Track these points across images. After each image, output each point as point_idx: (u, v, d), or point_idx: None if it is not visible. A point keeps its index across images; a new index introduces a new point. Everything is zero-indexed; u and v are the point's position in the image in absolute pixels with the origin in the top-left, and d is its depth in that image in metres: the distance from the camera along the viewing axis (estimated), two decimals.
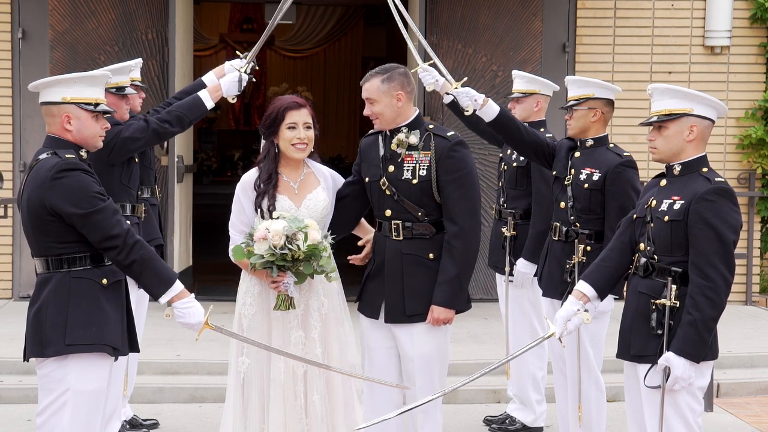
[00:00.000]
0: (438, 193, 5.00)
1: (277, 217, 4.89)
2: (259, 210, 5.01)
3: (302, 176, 5.12)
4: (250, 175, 5.10)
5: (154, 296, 4.37)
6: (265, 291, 4.99)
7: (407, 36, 5.86)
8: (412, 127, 5.07)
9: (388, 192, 5.04)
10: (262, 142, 5.23)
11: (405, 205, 5.02)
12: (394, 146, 5.05)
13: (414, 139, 5.02)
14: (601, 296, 4.69)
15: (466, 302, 5.07)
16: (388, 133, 5.10)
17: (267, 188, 5.02)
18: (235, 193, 5.10)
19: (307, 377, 5.00)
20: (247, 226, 5.02)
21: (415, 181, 5.00)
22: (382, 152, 5.10)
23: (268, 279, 4.88)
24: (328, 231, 5.00)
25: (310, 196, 5.07)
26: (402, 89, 5.03)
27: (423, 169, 5.00)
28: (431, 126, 5.11)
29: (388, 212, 5.04)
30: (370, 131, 5.27)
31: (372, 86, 5.03)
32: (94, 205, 4.23)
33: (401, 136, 5.03)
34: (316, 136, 5.12)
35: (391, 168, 5.04)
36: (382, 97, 5.02)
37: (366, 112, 5.06)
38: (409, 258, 4.99)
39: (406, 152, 5.04)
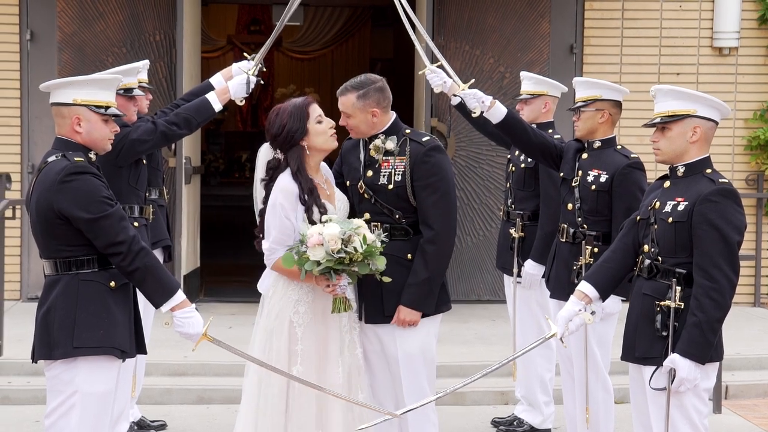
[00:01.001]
0: (413, 197, 5.03)
1: (326, 221, 4.81)
2: (312, 222, 4.90)
3: (324, 175, 5.08)
4: (291, 186, 4.91)
5: (156, 304, 4.37)
6: (319, 298, 4.91)
7: (415, 38, 5.87)
8: (389, 133, 5.10)
9: (366, 195, 5.08)
10: (260, 160, 5.10)
11: (382, 207, 5.05)
12: (372, 152, 5.10)
13: (390, 144, 5.07)
14: (603, 297, 4.70)
15: (435, 306, 5.06)
16: (367, 138, 5.14)
17: (313, 199, 4.90)
18: (276, 208, 4.90)
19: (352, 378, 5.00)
20: (292, 239, 4.90)
21: (390, 187, 5.05)
22: (362, 157, 5.14)
23: (323, 284, 4.82)
24: (380, 231, 4.95)
25: (337, 196, 5.07)
26: (377, 106, 5.07)
27: (398, 174, 5.05)
28: (408, 131, 5.14)
29: (367, 215, 5.08)
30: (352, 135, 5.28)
31: (347, 101, 5.08)
32: (101, 210, 4.24)
33: (378, 142, 5.08)
34: None
35: (369, 173, 5.09)
36: (357, 113, 5.06)
37: (342, 122, 5.10)
38: (387, 258, 4.98)
39: (383, 158, 5.08)
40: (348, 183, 5.18)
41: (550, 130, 6.51)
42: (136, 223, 5.91)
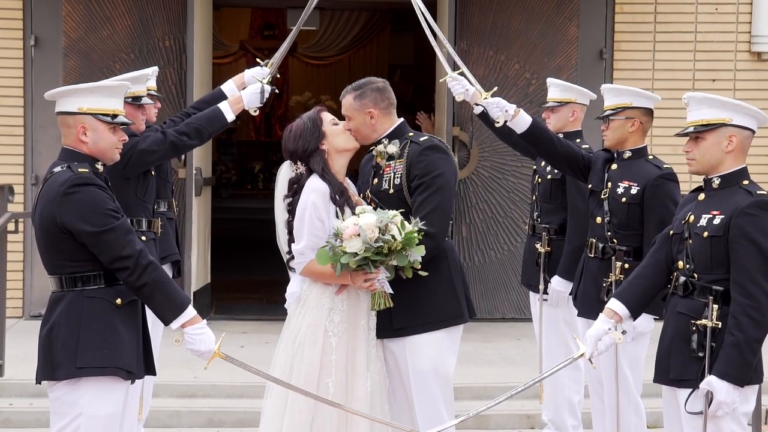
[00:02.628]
0: (410, 198, 5.07)
1: (360, 212, 4.86)
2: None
3: (348, 185, 5.17)
4: (322, 186, 4.98)
5: (165, 321, 4.37)
6: (353, 307, 4.95)
7: (435, 44, 5.88)
8: (392, 137, 5.15)
9: (372, 204, 5.12)
10: (282, 175, 5.17)
11: (383, 209, 5.04)
12: (377, 158, 5.17)
13: (393, 149, 5.12)
14: (634, 315, 4.69)
15: (441, 315, 5.04)
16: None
17: (345, 199, 4.99)
18: (307, 210, 4.95)
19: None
20: (323, 242, 4.93)
21: (391, 191, 5.10)
22: (373, 164, 5.21)
23: (360, 279, 4.84)
24: (417, 219, 4.93)
25: (360, 197, 5.17)
26: (374, 106, 5.12)
27: (397, 177, 5.10)
28: (411, 134, 5.19)
29: None
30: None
31: (346, 103, 5.16)
32: (106, 223, 4.26)
33: (380, 147, 5.14)
34: None
35: (375, 180, 5.16)
36: (355, 115, 5.13)
37: (345, 127, 5.16)
38: (390, 269, 4.98)
39: (386, 163, 5.13)
40: (360, 195, 5.23)
41: (578, 140, 6.50)
42: (143, 237, 5.92)
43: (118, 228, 4.27)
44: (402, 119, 5.24)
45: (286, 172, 5.17)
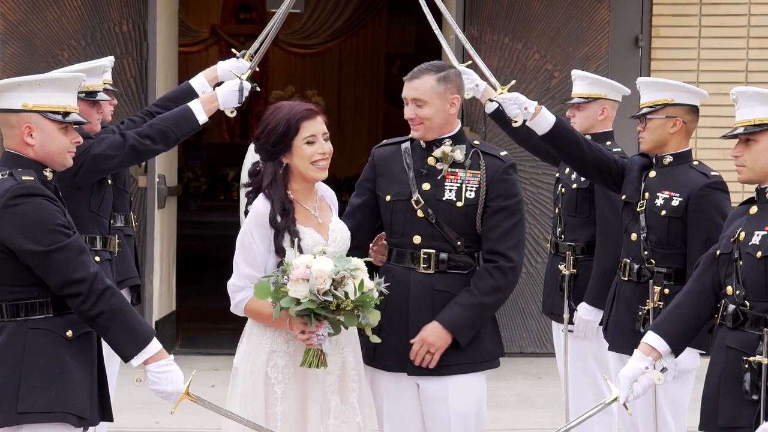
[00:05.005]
0: (481, 220, 5.06)
1: (319, 252, 4.81)
2: (278, 252, 4.91)
3: (318, 201, 5.07)
4: (264, 206, 4.95)
5: (125, 357, 4.35)
6: (300, 349, 4.89)
7: (438, 30, 5.89)
8: (456, 140, 5.14)
9: (420, 214, 5.08)
10: (246, 165, 5.17)
11: (443, 231, 5.06)
12: (432, 161, 5.12)
13: (459, 154, 5.10)
14: (676, 351, 4.70)
15: (488, 354, 5.11)
16: (422, 144, 5.15)
17: (286, 222, 4.91)
18: (245, 233, 4.96)
19: None
20: (261, 274, 4.92)
21: (459, 204, 5.07)
22: (410, 165, 5.15)
23: (298, 329, 4.79)
24: (381, 279, 4.91)
25: (333, 226, 5.03)
26: (458, 93, 5.14)
27: (471, 190, 5.08)
28: (476, 142, 5.20)
29: (418, 239, 5.08)
30: (387, 141, 5.33)
31: (425, 85, 5.08)
32: (55, 241, 4.24)
33: (446, 148, 5.10)
34: None
35: (427, 185, 5.10)
36: (435, 100, 5.08)
37: (408, 114, 5.09)
38: (440, 296, 5.02)
39: (449, 169, 5.10)
40: (388, 199, 5.18)
41: (609, 142, 6.51)
42: (98, 258, 5.91)
43: (68, 246, 4.27)
44: (460, 123, 5.26)
45: (252, 153, 5.15)
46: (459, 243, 5.06)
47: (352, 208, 5.29)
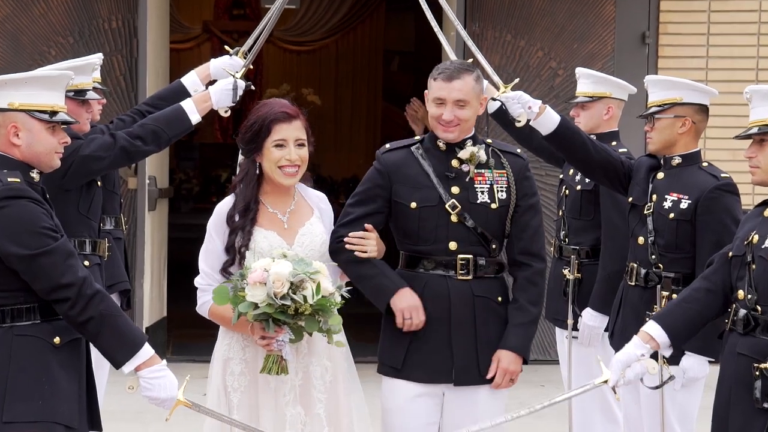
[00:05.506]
0: (510, 221, 5.13)
1: (279, 255, 4.82)
2: (231, 251, 4.96)
3: (292, 206, 5.09)
4: (227, 204, 5.07)
5: (116, 363, 4.36)
6: (258, 356, 4.92)
7: (436, 26, 5.89)
8: (474, 141, 5.18)
9: (455, 219, 5.08)
10: (240, 158, 5.20)
11: (480, 235, 5.08)
12: (456, 163, 5.13)
13: (483, 155, 5.14)
14: (674, 345, 4.72)
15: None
16: (441, 146, 5.15)
17: (244, 222, 4.97)
18: (207, 230, 5.08)
19: None
20: (218, 272, 4.99)
21: (494, 206, 5.11)
22: (431, 169, 5.14)
23: (257, 334, 4.82)
24: (342, 283, 4.96)
25: (304, 230, 5.04)
26: (483, 93, 5.19)
27: (502, 191, 5.13)
28: (489, 140, 5.25)
29: (454, 245, 5.09)
30: (390, 144, 5.30)
31: (467, 85, 5.09)
32: (42, 244, 4.24)
33: (473, 149, 5.12)
34: (309, 153, 5.10)
35: (456, 189, 5.11)
36: (474, 101, 5.12)
37: (447, 116, 5.07)
38: (480, 302, 5.06)
39: (476, 170, 5.13)
40: (413, 205, 5.14)
41: (614, 143, 6.51)
42: (87, 262, 5.92)
43: (56, 250, 4.26)
44: None
45: None
46: (494, 247, 5.12)
47: (356, 216, 5.16)
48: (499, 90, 5.71)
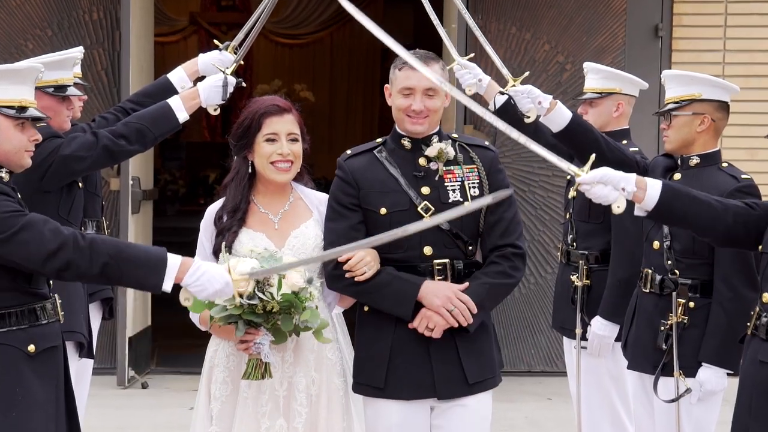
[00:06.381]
0: (484, 216, 5.09)
1: (248, 254, 4.83)
2: (215, 254, 4.98)
3: (287, 206, 5.12)
4: (216, 206, 5.13)
5: (155, 288, 4.41)
6: (243, 364, 4.92)
7: (436, 21, 5.89)
8: (440, 137, 5.15)
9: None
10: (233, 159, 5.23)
11: (454, 237, 5.06)
12: (423, 161, 5.10)
13: (451, 151, 5.11)
14: (653, 214, 4.71)
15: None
16: (406, 145, 5.13)
17: (231, 223, 5.01)
18: (200, 231, 5.14)
19: None
20: None
21: (467, 204, 5.05)
22: (398, 171, 5.12)
23: (236, 338, 4.83)
24: (315, 273, 4.96)
25: (297, 233, 5.05)
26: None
27: (474, 187, 5.10)
28: (455, 135, 5.22)
29: (429, 249, 5.06)
30: (352, 150, 5.27)
31: (435, 74, 5.02)
32: (11, 225, 4.24)
33: (441, 145, 5.09)
34: (304, 150, 5.13)
35: (426, 189, 5.09)
36: (441, 91, 5.09)
37: (417, 106, 5.06)
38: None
39: (445, 168, 5.10)
40: (383, 211, 5.12)
41: (625, 141, 6.50)
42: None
43: (30, 223, 4.26)
44: None
45: None
46: (471, 248, 5.08)
47: (341, 233, 5.07)
48: (509, 83, 5.70)
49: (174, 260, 4.38)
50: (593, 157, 4.84)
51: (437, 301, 4.93)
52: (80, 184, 6.11)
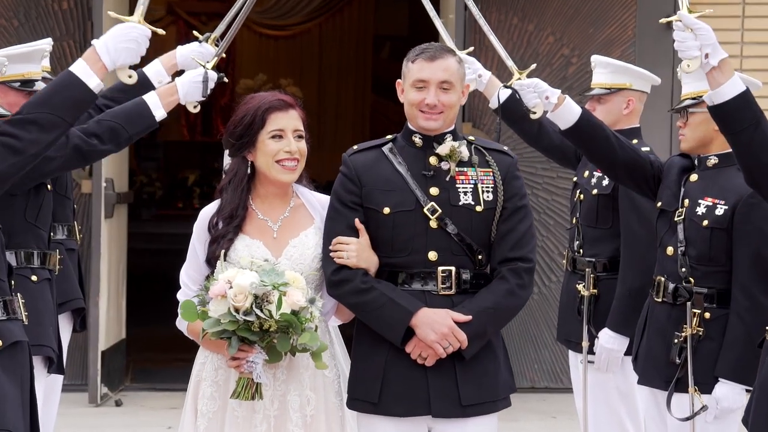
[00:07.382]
0: (496, 224, 5.09)
1: (247, 265, 4.83)
2: (213, 263, 4.98)
3: (287, 212, 5.12)
4: (210, 209, 5.12)
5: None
6: (231, 379, 4.93)
7: (433, 12, 5.91)
8: (455, 136, 5.16)
9: (435, 225, 5.06)
10: (226, 159, 5.22)
11: (462, 242, 5.06)
12: (434, 160, 5.11)
13: (465, 151, 5.11)
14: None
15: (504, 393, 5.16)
16: (416, 142, 5.14)
17: (227, 230, 5.01)
18: (192, 238, 5.13)
19: None
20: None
21: (479, 208, 5.08)
22: (406, 169, 5.12)
23: (227, 354, 4.83)
24: (318, 293, 4.96)
25: (296, 242, 5.05)
26: (465, 80, 5.22)
27: (488, 191, 5.11)
28: (471, 137, 5.24)
29: (433, 255, 5.06)
30: (359, 146, 5.29)
31: (452, 67, 5.10)
32: None
33: (453, 144, 5.10)
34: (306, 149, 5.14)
35: (435, 190, 5.09)
36: (458, 85, 5.12)
37: (431, 99, 5.06)
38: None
39: (457, 169, 5.11)
40: (386, 211, 5.13)
41: (635, 140, 6.51)
42: (35, 276, 5.91)
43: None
44: None
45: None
46: (480, 258, 5.09)
47: (341, 232, 5.10)
48: (514, 76, 5.69)
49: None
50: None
51: (432, 336, 4.94)
52: (49, 187, 6.11)
